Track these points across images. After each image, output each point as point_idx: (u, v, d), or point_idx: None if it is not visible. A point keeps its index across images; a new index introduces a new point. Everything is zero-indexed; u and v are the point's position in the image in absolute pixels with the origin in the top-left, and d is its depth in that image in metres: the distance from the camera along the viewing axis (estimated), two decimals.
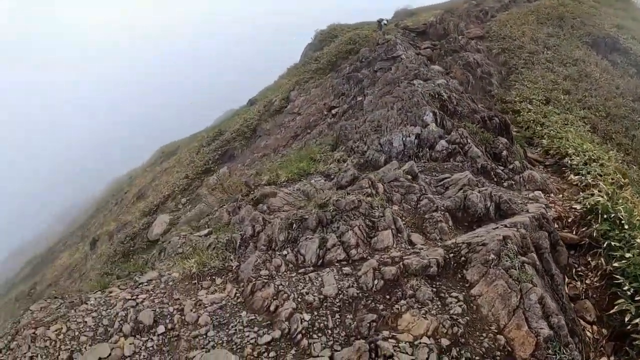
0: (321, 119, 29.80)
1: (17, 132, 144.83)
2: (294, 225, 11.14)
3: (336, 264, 10.02)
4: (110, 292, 10.94)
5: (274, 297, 9.07)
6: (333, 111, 29.64)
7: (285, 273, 10.04)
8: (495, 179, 16.07)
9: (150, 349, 8.73)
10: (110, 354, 8.68)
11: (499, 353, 8.18)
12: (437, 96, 20.56)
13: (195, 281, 10.33)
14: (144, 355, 8.58)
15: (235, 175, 26.68)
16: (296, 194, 13.89)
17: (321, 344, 8.11)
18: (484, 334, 8.46)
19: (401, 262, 9.56)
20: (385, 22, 41.91)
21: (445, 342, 8.08)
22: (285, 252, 10.66)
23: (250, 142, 31.40)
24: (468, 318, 8.64)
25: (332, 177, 15.57)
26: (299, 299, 9.01)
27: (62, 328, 9.84)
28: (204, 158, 31.85)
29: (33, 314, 11.83)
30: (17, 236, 78.25)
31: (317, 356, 7.85)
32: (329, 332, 8.43)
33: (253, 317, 8.91)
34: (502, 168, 17.03)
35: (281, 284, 9.37)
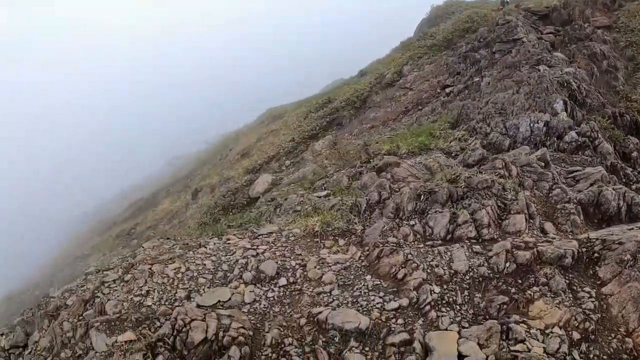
0: (434, 97, 29.27)
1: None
2: (422, 196, 10.99)
3: (466, 241, 9.80)
4: (228, 240, 11.17)
5: (402, 265, 8.97)
6: (447, 90, 29.03)
7: (413, 243, 9.93)
8: (624, 180, 15.27)
9: (271, 298, 8.85)
10: (230, 299, 8.84)
11: (625, 356, 7.83)
12: (566, 85, 19.72)
13: (318, 239, 10.42)
14: (264, 304, 8.70)
15: (341, 143, 26.67)
16: (418, 166, 13.71)
17: (449, 318, 7.97)
18: (612, 335, 8.10)
19: (535, 249, 9.23)
20: (507, 0, 40.40)
21: (576, 335, 7.79)
22: (412, 223, 10.53)
23: (359, 113, 31.24)
24: (599, 315, 8.27)
25: (453, 154, 15.28)
26: (429, 271, 8.87)
27: (180, 267, 10.11)
28: (312, 124, 31.94)
29: (145, 251, 12.27)
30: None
31: (445, 329, 7.70)
32: (457, 307, 8.27)
33: (378, 282, 8.85)
34: (631, 169, 16.16)
35: (410, 253, 9.26)
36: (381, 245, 9.53)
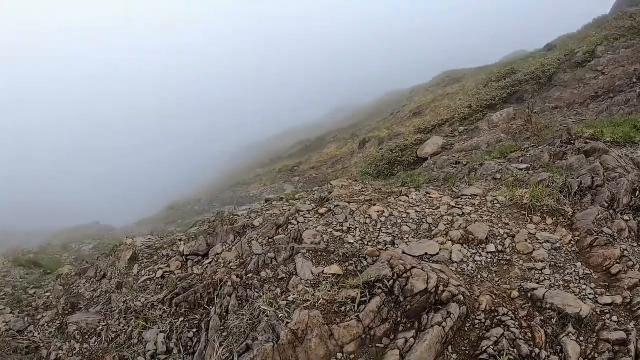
0: (628, 86, 27.01)
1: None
2: (637, 192, 10.20)
3: None
4: (428, 194, 10.99)
5: (617, 261, 8.36)
6: None
7: (626, 239, 9.26)
8: None
9: (479, 263, 8.57)
10: (437, 253, 8.66)
11: None
12: None
13: (525, 213, 9.96)
14: (471, 267, 8.45)
15: (520, 119, 25.49)
16: (624, 159, 12.70)
17: None
18: None
19: None
20: None
21: None
22: (626, 218, 9.81)
23: (543, 90, 29.47)
24: None
25: None
26: None
27: (384, 211, 10.02)
28: (491, 93, 30.54)
29: (335, 188, 12.37)
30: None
31: None
32: None
33: (589, 272, 8.31)
34: None
35: (626, 250, 8.63)
36: (595, 234, 8.95)
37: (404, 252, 8.52)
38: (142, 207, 51.36)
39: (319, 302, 7.09)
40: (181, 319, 8.83)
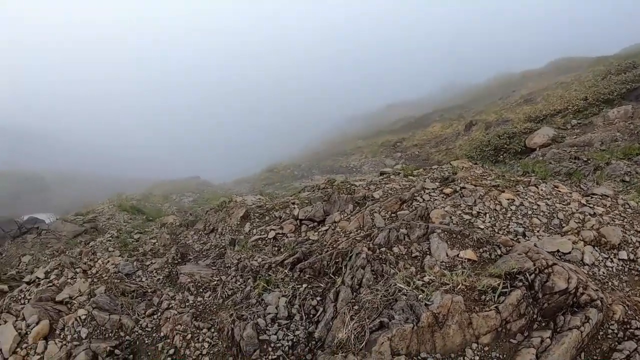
0: None
1: None
2: None
3: None
4: (557, 187, 10.63)
5: None
6: None
7: None
8: None
9: (610, 269, 8.27)
10: (570, 252, 8.40)
11: None
12: None
13: None
14: (602, 272, 8.17)
15: (638, 119, 24.00)
16: None
17: None
18: None
19: None
20: None
21: None
22: None
23: None
24: None
25: None
26: None
27: (514, 200, 9.77)
28: (609, 87, 28.60)
29: (455, 169, 12.07)
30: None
31: None
32: None
33: None
34: None
35: None
36: None
37: (535, 246, 8.29)
38: (240, 167, 52.65)
39: (458, 287, 6.98)
40: (304, 285, 8.70)
